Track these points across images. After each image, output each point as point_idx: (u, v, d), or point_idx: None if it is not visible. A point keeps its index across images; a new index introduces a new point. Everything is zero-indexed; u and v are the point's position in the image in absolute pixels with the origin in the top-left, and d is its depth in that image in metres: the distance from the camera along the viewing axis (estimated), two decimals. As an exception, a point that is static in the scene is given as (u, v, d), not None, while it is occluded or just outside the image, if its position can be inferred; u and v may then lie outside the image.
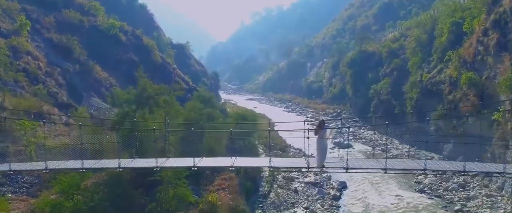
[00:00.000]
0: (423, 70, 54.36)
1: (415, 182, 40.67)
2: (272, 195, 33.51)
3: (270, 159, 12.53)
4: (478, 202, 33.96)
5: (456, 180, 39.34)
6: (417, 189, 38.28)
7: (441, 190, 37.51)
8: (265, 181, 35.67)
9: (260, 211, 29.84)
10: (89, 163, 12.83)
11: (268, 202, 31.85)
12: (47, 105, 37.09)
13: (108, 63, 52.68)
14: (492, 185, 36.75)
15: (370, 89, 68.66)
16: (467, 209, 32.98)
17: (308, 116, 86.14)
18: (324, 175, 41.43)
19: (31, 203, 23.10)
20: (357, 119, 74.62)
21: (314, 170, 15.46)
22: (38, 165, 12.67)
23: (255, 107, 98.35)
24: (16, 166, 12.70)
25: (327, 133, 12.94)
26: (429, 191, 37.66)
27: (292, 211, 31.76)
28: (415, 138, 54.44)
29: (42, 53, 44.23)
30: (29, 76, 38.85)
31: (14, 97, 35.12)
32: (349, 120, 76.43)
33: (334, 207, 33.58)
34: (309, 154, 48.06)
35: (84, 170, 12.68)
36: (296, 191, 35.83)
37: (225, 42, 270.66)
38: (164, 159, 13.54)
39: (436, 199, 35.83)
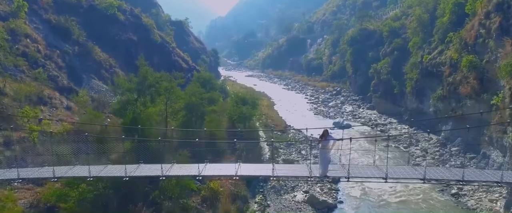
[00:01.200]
0: (423, 51, 54.09)
1: (413, 164, 41.22)
2: (272, 178, 34.01)
3: (273, 167, 12.74)
4: (474, 185, 34.56)
5: (453, 162, 39.97)
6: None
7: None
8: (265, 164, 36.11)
9: (261, 196, 30.42)
10: (96, 170, 13.01)
11: (268, 186, 32.43)
12: (47, 89, 37.16)
13: (107, 43, 52.32)
14: (489, 168, 37.29)
15: (370, 68, 68.50)
16: (463, 192, 33.69)
17: (308, 94, 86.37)
18: (324, 157, 42.03)
19: (37, 192, 23.56)
20: (357, 98, 74.91)
21: (316, 180, 15.78)
22: (46, 173, 12.88)
23: (255, 85, 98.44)
24: (24, 173, 12.90)
25: (330, 144, 13.11)
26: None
27: (292, 195, 32.39)
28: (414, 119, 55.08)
29: (40, 35, 43.86)
30: (29, 60, 38.71)
31: (15, 82, 35.13)
32: (349, 98, 76.75)
33: (333, 191, 34.25)
34: (310, 135, 48.25)
35: (91, 178, 12.91)
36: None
37: (225, 16, 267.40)
38: (169, 165, 13.74)
39: (433, 182, 36.45)
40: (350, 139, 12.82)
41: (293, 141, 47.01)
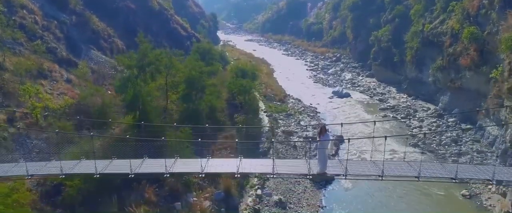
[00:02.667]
0: (425, 19, 53.48)
1: (410, 135, 42.02)
2: (271, 151, 34.71)
3: (273, 165, 13.13)
4: (468, 158, 35.46)
5: (449, 134, 40.69)
6: (411, 143, 39.73)
7: (434, 145, 38.99)
8: (265, 137, 36.80)
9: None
10: (102, 166, 13.39)
11: (268, 158, 33.12)
12: (47, 62, 37.03)
13: (104, 12, 51.42)
14: (484, 140, 38.09)
15: (371, 35, 67.90)
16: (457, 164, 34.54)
17: (307, 60, 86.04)
18: (322, 129, 42.66)
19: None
20: (356, 65, 74.75)
21: (315, 177, 16.29)
22: (54, 169, 13.28)
23: (254, 50, 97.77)
24: (32, 169, 13.25)
25: (328, 144, 13.45)
26: (423, 145, 39.13)
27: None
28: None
29: (37, 5, 43.05)
30: (27, 32, 38.26)
31: (14, 56, 34.96)
32: (348, 65, 76.59)
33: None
34: (309, 104, 48.50)
35: (97, 175, 13.34)
36: (295, 146, 37.15)
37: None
38: (172, 160, 14.12)
39: (429, 154, 37.38)
40: (348, 139, 13.13)
41: (291, 111, 47.46)
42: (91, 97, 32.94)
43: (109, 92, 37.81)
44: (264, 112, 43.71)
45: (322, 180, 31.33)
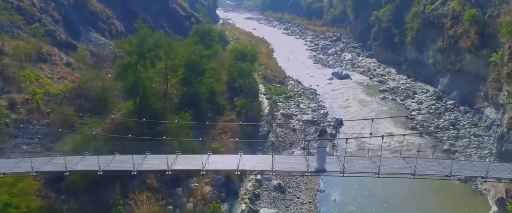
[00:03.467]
0: (426, 0, 52.87)
1: (408, 118, 42.35)
2: (271, 135, 35.16)
3: (273, 162, 13.38)
4: (465, 141, 35.90)
5: (447, 117, 41.00)
6: (409, 126, 40.07)
7: (432, 128, 39.33)
8: (265, 121, 37.11)
9: (260, 154, 31.55)
10: (105, 162, 13.62)
11: (268, 143, 33.53)
12: (46, 46, 36.94)
13: (102, -7, 50.85)
14: (481, 124, 38.42)
15: (371, 15, 67.27)
16: (454, 149, 34.99)
17: (307, 39, 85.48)
18: (321, 112, 42.99)
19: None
20: (356, 45, 74.38)
21: (313, 174, 16.59)
22: (58, 165, 13.50)
23: (254, 29, 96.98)
24: (37, 165, 13.48)
25: (327, 144, 13.65)
26: (421, 128, 39.47)
27: (290, 151, 33.66)
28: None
29: (34, -14, 42.52)
30: (25, 15, 38.01)
31: (13, 40, 34.86)
32: (348, 45, 76.21)
33: (331, 148, 35.50)
34: (309, 86, 48.65)
35: (101, 172, 13.58)
36: (294, 130, 37.53)
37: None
38: (174, 156, 14.34)
39: (427, 137, 37.75)
40: (346, 139, 13.35)
41: (291, 93, 47.63)
42: (91, 82, 33.07)
43: (109, 75, 37.86)
44: (264, 94, 43.87)
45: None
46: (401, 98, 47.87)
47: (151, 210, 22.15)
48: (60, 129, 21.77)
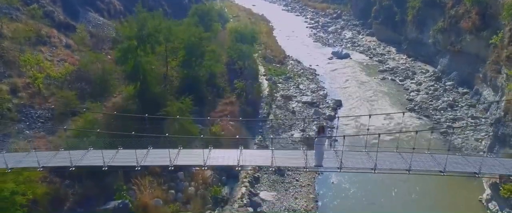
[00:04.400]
0: (428, -22, 52.16)
1: (407, 99, 42.67)
2: (271, 117, 35.54)
3: (272, 156, 13.70)
4: (463, 123, 36.34)
5: (446, 98, 41.28)
6: (408, 108, 40.42)
7: (430, 110, 39.69)
8: (264, 103, 37.37)
9: (260, 137, 32.06)
10: (109, 157, 13.91)
11: (267, 126, 34.01)
12: (45, 28, 36.75)
13: (100, -30, 49.96)
14: (479, 106, 38.77)
15: (372, -8, 66.44)
16: (451, 131, 35.45)
17: (308, 16, 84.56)
18: (321, 93, 43.21)
19: (49, 141, 24.97)
20: (357, 22, 73.70)
21: (312, 170, 16.99)
22: (64, 160, 13.83)
23: (254, 5, 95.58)
24: (43, 160, 13.79)
25: (325, 141, 13.97)
26: (419, 110, 39.84)
27: (289, 134, 34.12)
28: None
29: (30, -35, 41.83)
30: (22, -4, 37.61)
31: (11, 22, 34.66)
32: (349, 23, 75.52)
33: (329, 129, 35.89)
34: (309, 66, 48.65)
35: (106, 168, 13.94)
36: (293, 112, 37.87)
37: None
38: (176, 151, 14.64)
39: (425, 119, 38.18)
40: (344, 136, 13.64)
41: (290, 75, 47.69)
42: (91, 64, 33.16)
43: (109, 57, 37.89)
44: (264, 75, 43.95)
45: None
46: (400, 78, 47.99)
47: (154, 195, 22.76)
48: (64, 127, 22.00)
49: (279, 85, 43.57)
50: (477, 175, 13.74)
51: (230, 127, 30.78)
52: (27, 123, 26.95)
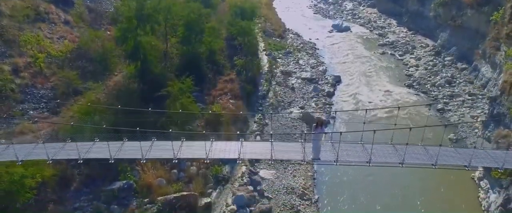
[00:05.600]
0: (432, -51, 51.12)
1: (406, 75, 42.91)
2: (270, 94, 35.91)
3: (272, 149, 14.19)
4: (460, 100, 36.79)
5: (444, 74, 41.53)
6: (406, 84, 40.75)
7: (428, 85, 40.02)
8: (264, 79, 37.65)
9: (260, 115, 32.57)
10: (115, 149, 14.35)
11: (267, 103, 34.42)
12: (43, 4, 36.45)
13: None
14: (477, 82, 39.12)
15: (375, -38, 65.12)
16: (448, 108, 36.01)
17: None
18: (320, 68, 43.40)
19: (53, 122, 25.48)
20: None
21: (309, 163, 17.52)
22: (72, 152, 14.30)
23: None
24: (51, 151, 14.25)
25: (322, 136, 14.37)
26: (417, 86, 40.19)
27: (288, 111, 34.65)
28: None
29: None
30: (18, -30, 36.98)
31: (9, -1, 34.36)
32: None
33: (327, 106, 36.48)
34: (309, 39, 48.56)
35: (112, 161, 14.45)
36: (293, 88, 38.20)
37: None
38: (179, 143, 15.05)
39: (422, 95, 38.60)
40: (340, 133, 14.01)
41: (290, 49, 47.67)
42: (91, 43, 33.21)
43: (108, 32, 37.83)
44: (264, 50, 43.93)
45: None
46: (400, 53, 48.01)
47: (157, 175, 23.53)
48: (72, 123, 22.35)
49: (278, 60, 43.66)
50: (467, 168, 14.37)
51: (231, 106, 31.24)
52: (31, 103, 27.41)
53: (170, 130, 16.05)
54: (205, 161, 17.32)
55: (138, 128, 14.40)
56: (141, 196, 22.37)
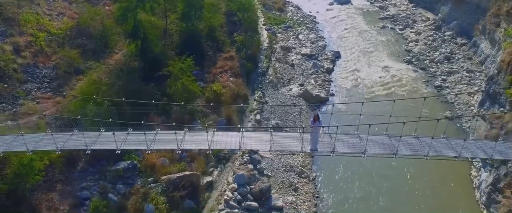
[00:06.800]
0: None
1: (405, 50, 43.01)
2: (270, 71, 36.18)
3: (271, 140, 14.71)
4: (457, 77, 37.15)
5: (443, 50, 41.65)
6: (405, 60, 40.95)
7: (427, 61, 40.25)
8: (264, 55, 37.83)
9: (260, 92, 32.94)
10: (120, 139, 14.80)
11: (267, 81, 34.77)
12: (41, -21, 36.00)
13: None
14: (476, 58, 39.34)
15: None
16: (446, 85, 36.42)
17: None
18: (320, 44, 43.44)
19: (57, 102, 25.96)
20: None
21: (307, 153, 18.05)
22: (79, 143, 14.76)
23: None
24: (59, 141, 14.71)
25: (320, 130, 14.82)
26: (416, 62, 40.41)
27: (288, 88, 35.07)
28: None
29: None
30: None
31: (6, -26, 33.90)
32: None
33: (326, 82, 36.83)
34: (309, 13, 47.98)
35: (119, 151, 14.95)
36: (292, 65, 38.43)
37: None
38: (182, 133, 15.47)
39: (421, 71, 38.90)
40: (337, 127, 14.49)
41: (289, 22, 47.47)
42: (90, 20, 33.14)
43: (107, 7, 37.61)
44: (263, 25, 43.81)
45: (316, 102, 33.71)
46: (400, 27, 47.85)
47: (160, 154, 24.21)
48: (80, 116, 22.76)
49: (278, 35, 43.59)
50: (457, 159, 15.02)
51: (231, 84, 31.61)
52: (34, 83, 27.74)
53: (173, 123, 16.53)
54: (208, 152, 17.89)
55: (142, 121, 14.88)
56: (145, 175, 23.18)
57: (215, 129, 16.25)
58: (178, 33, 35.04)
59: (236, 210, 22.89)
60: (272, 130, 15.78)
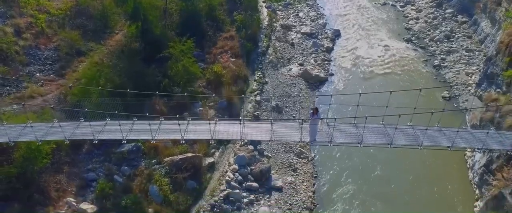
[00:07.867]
0: None
1: (405, 28, 42.94)
2: (270, 51, 36.34)
3: (271, 130, 15.17)
4: (456, 56, 37.36)
5: (444, 28, 41.60)
6: (405, 38, 40.98)
7: (427, 40, 40.31)
8: (264, 35, 37.88)
9: (260, 73, 33.22)
10: (126, 129, 15.23)
11: (266, 61, 34.99)
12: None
13: None
14: (475, 37, 39.39)
15: None
16: (445, 64, 36.68)
17: None
18: (320, 22, 43.32)
19: (60, 85, 26.32)
20: None
21: (306, 143, 18.51)
22: (86, 133, 15.19)
23: None
24: (67, 131, 15.16)
25: (318, 122, 15.25)
26: (416, 41, 40.47)
27: (288, 68, 35.36)
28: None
29: None
30: None
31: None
32: None
33: (326, 62, 37.06)
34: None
35: (125, 141, 15.41)
36: (292, 44, 38.53)
37: None
38: (185, 123, 15.86)
39: (420, 50, 39.04)
40: (335, 119, 14.92)
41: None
42: (90, 0, 33.02)
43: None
44: (264, 2, 43.54)
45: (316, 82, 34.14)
46: (401, 4, 47.49)
47: (163, 137, 24.84)
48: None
49: (278, 12, 43.42)
50: (449, 149, 15.59)
51: (231, 65, 31.90)
52: (36, 65, 28.00)
53: (177, 115, 17.00)
54: (210, 143, 18.48)
55: (147, 113, 15.35)
56: (149, 157, 23.90)
57: (217, 119, 16.76)
58: (178, 12, 34.96)
59: (237, 190, 23.74)
60: (272, 119, 16.29)
